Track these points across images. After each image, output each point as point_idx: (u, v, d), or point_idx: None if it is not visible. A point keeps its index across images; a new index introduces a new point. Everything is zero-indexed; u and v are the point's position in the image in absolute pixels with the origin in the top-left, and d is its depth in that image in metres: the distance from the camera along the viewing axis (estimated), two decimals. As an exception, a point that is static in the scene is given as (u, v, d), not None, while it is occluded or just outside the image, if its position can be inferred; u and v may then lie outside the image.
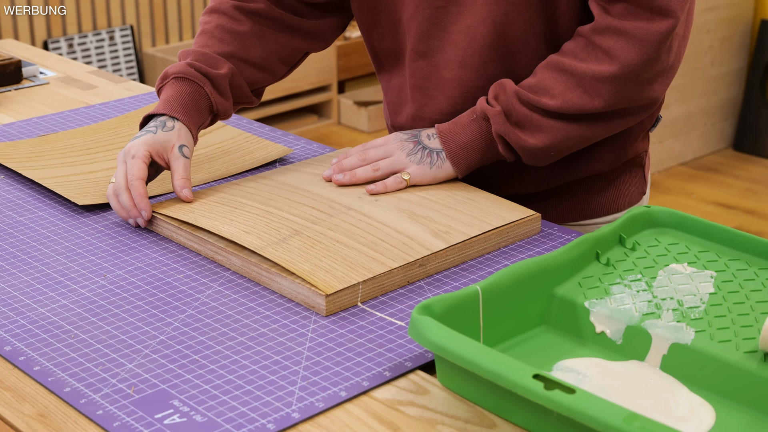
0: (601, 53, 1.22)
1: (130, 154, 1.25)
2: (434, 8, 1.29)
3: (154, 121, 1.30)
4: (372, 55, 1.43)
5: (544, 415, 0.83)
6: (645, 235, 1.11)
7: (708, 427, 0.88)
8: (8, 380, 0.94)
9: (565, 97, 1.23)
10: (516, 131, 1.25)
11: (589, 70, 1.22)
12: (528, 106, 1.25)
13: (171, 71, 1.34)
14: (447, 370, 0.91)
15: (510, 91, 1.25)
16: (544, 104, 1.24)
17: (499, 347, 0.98)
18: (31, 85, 1.81)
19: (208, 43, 1.38)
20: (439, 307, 0.93)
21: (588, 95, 1.23)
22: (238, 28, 1.39)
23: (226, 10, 1.40)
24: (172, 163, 1.27)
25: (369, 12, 1.37)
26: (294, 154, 1.48)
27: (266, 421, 0.88)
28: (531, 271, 1.01)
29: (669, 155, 3.99)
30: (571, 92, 1.23)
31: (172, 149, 1.27)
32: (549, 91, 1.24)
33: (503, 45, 1.28)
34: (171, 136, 1.28)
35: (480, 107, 1.27)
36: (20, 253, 1.18)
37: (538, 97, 1.24)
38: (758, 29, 4.11)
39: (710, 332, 0.96)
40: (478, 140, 1.27)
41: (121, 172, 1.24)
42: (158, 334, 1.01)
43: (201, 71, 1.33)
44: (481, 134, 1.27)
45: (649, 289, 1.02)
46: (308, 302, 1.06)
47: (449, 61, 1.31)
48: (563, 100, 1.23)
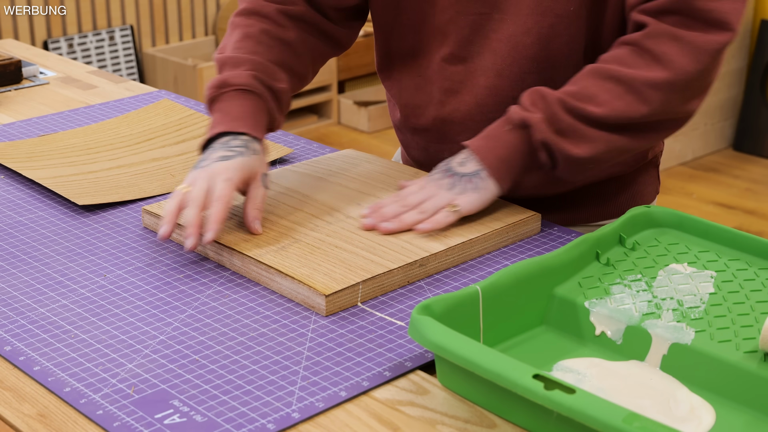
0: (651, 59, 1.17)
1: (222, 176, 1.16)
2: (477, 14, 1.26)
3: (235, 139, 1.20)
4: (381, 54, 1.39)
5: (544, 415, 0.83)
6: (645, 235, 1.11)
7: (708, 427, 0.88)
8: (8, 380, 0.94)
9: (612, 105, 1.17)
10: (560, 140, 1.18)
11: (640, 76, 1.17)
12: (572, 114, 1.18)
13: (232, 81, 1.24)
14: (447, 370, 0.91)
15: (552, 98, 1.18)
16: (589, 112, 1.17)
17: (499, 347, 0.98)
18: (31, 85, 1.81)
19: (258, 50, 1.28)
20: (439, 307, 0.93)
21: (636, 102, 1.17)
22: (284, 35, 1.31)
23: (268, 13, 1.31)
24: (252, 190, 1.19)
25: (392, 12, 1.34)
26: (294, 154, 1.48)
27: (266, 421, 0.88)
28: (531, 271, 1.01)
29: (669, 155, 3.99)
30: (618, 100, 1.17)
31: (257, 177, 1.19)
32: (594, 98, 1.17)
33: (545, 58, 1.25)
34: (258, 162, 1.20)
35: (517, 116, 1.19)
36: (20, 253, 1.18)
37: (583, 104, 1.17)
38: (758, 29, 4.11)
39: (710, 332, 0.96)
40: (518, 150, 1.19)
41: (202, 188, 1.15)
42: (158, 334, 1.01)
43: (265, 84, 1.25)
44: (522, 144, 1.19)
45: (649, 289, 1.02)
46: (308, 302, 1.06)
47: (487, 68, 1.28)
48: (610, 108, 1.17)
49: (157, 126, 1.56)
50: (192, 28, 4.18)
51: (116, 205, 1.31)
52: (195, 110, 1.62)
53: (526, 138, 1.19)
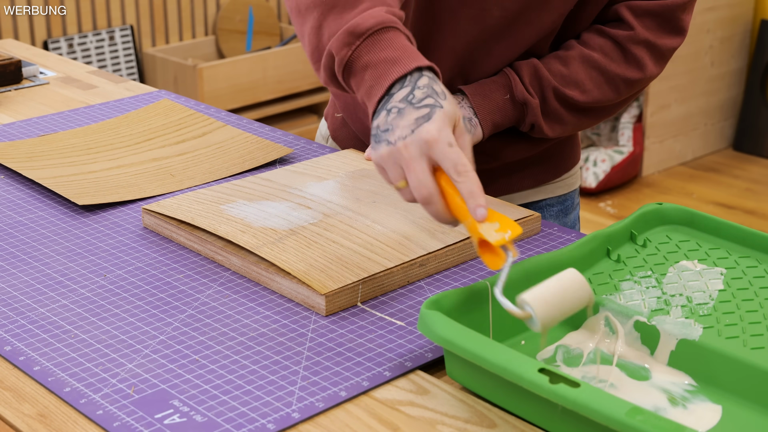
0: (631, 60, 1.31)
1: (430, 141, 0.91)
2: None
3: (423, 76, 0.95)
4: None
5: (550, 408, 0.83)
6: (656, 232, 1.11)
7: (714, 422, 0.88)
8: (8, 380, 0.94)
9: (593, 94, 1.31)
10: (544, 122, 1.30)
11: (620, 72, 1.31)
12: (560, 101, 1.30)
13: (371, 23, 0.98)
14: (455, 364, 0.91)
15: (547, 83, 1.28)
16: (576, 100, 1.30)
17: (508, 342, 0.99)
18: (31, 85, 1.81)
19: None
20: (448, 302, 0.93)
21: (610, 91, 1.31)
22: None
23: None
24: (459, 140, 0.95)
25: None
26: (294, 154, 1.48)
27: (266, 421, 0.88)
28: (541, 266, 1.01)
29: (669, 155, 3.99)
30: (598, 88, 1.31)
31: (459, 122, 0.96)
32: (580, 85, 1.30)
33: None
34: (455, 105, 0.95)
35: (520, 94, 1.28)
36: (20, 253, 1.18)
37: (571, 91, 1.29)
38: (758, 29, 4.11)
39: (718, 328, 0.96)
40: (510, 120, 1.30)
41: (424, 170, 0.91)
42: (158, 334, 1.01)
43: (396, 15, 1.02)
44: (515, 116, 1.30)
45: (658, 286, 1.02)
46: (308, 302, 1.06)
47: None
48: (591, 96, 1.30)
49: (157, 126, 1.56)
50: (192, 28, 4.18)
51: (116, 205, 1.31)
52: (195, 110, 1.62)
53: (520, 113, 1.30)
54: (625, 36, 1.30)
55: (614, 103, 1.34)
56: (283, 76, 4.05)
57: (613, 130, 3.96)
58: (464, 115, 1.28)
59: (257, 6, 4.30)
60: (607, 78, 1.31)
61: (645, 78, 1.33)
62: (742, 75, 4.17)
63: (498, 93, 1.29)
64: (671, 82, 3.87)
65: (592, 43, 1.31)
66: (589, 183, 3.74)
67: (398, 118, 0.93)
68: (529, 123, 1.30)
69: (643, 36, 1.30)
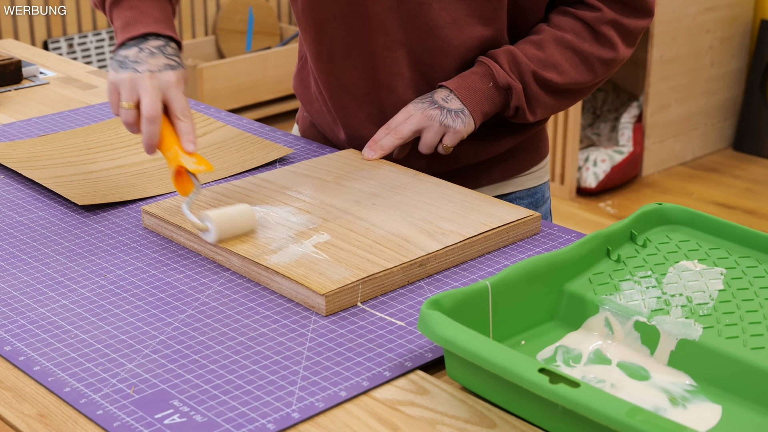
0: (602, 39, 1.35)
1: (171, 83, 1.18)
2: None
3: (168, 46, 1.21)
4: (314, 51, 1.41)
5: (550, 408, 0.83)
6: (656, 232, 1.11)
7: (714, 422, 0.88)
8: (8, 380, 0.95)
9: (570, 75, 1.35)
10: (526, 107, 1.34)
11: (594, 51, 1.35)
12: (540, 84, 1.34)
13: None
14: (455, 364, 0.91)
15: (525, 67, 1.32)
16: (554, 83, 1.34)
17: (508, 342, 0.99)
18: (31, 85, 1.81)
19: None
20: (448, 302, 0.93)
21: (586, 71, 1.35)
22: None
23: None
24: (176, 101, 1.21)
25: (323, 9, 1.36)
26: (294, 154, 1.48)
27: (266, 421, 0.88)
28: (541, 266, 1.01)
29: (669, 155, 3.99)
30: (574, 69, 1.35)
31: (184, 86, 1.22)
32: (558, 67, 1.34)
33: None
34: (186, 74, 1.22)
35: (503, 80, 1.32)
36: (20, 253, 1.18)
37: (549, 74, 1.33)
38: (758, 29, 4.11)
39: (718, 329, 0.96)
40: (497, 107, 1.34)
41: (158, 97, 1.17)
42: (158, 334, 1.01)
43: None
44: (501, 102, 1.34)
45: (658, 286, 1.02)
46: (308, 302, 1.06)
47: None
48: (569, 77, 1.34)
49: (157, 126, 1.56)
50: (192, 28, 4.18)
51: (116, 205, 1.31)
52: (195, 110, 1.62)
53: (505, 99, 1.34)
54: (593, 17, 1.34)
55: (590, 84, 1.38)
56: (283, 76, 4.05)
57: (613, 130, 3.96)
58: (455, 108, 1.32)
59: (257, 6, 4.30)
60: (582, 58, 1.35)
61: (618, 58, 1.37)
62: (742, 75, 4.17)
63: (482, 83, 1.32)
64: (671, 82, 3.87)
65: (563, 25, 1.35)
66: (589, 183, 3.74)
67: (150, 58, 1.18)
68: (514, 107, 1.34)
69: (610, 16, 1.34)
